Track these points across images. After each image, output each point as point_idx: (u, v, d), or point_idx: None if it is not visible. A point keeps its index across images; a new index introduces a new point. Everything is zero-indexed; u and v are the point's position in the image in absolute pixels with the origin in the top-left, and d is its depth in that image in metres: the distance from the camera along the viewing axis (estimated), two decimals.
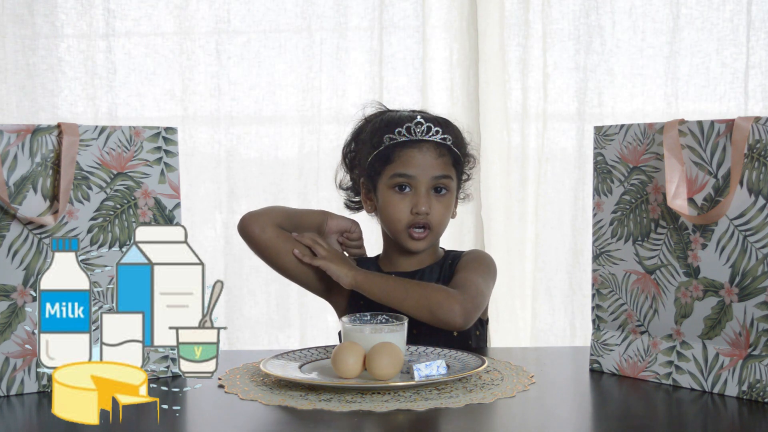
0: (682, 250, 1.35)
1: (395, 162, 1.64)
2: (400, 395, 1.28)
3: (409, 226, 1.64)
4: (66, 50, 2.73)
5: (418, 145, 1.64)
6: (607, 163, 1.44)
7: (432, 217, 1.64)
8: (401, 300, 1.57)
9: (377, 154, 1.66)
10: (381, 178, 1.66)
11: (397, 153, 1.64)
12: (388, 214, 1.66)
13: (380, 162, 1.66)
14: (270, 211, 1.68)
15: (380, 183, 1.67)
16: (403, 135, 1.64)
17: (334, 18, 2.70)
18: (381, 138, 1.65)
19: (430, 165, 1.64)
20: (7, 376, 1.33)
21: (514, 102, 2.68)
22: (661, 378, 1.37)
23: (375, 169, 1.67)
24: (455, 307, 1.53)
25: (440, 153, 1.65)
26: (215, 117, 2.74)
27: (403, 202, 1.64)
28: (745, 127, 1.26)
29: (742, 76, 2.63)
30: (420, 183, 1.63)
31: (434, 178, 1.64)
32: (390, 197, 1.65)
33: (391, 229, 1.67)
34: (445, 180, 1.65)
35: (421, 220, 1.63)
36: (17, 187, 1.33)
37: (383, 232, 1.73)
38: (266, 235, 1.65)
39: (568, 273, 2.71)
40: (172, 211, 1.45)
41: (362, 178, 1.71)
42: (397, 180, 1.64)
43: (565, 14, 2.66)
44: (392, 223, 1.65)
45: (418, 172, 1.63)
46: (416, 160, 1.63)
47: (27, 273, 1.34)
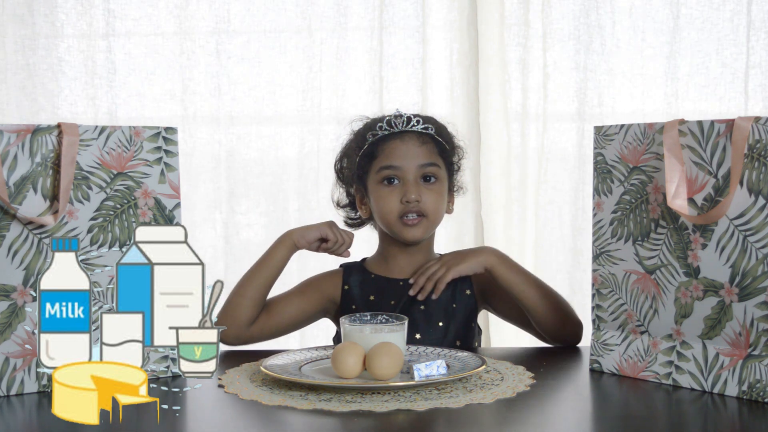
0: (682, 250, 1.35)
1: (380, 156, 1.66)
2: (400, 395, 1.28)
3: (401, 215, 1.64)
4: (66, 50, 2.73)
5: (400, 136, 1.66)
6: (607, 163, 1.44)
7: (424, 205, 1.64)
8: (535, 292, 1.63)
9: (362, 153, 1.68)
10: (369, 176, 1.68)
11: (381, 147, 1.66)
12: (380, 208, 1.66)
13: (366, 160, 1.67)
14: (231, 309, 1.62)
15: (369, 181, 1.68)
16: (384, 129, 1.66)
17: (334, 18, 2.70)
18: (364, 137, 1.68)
19: (415, 154, 1.65)
20: (7, 376, 1.33)
21: (514, 102, 2.68)
22: (661, 378, 1.37)
23: (363, 169, 1.68)
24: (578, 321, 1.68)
25: (423, 141, 1.66)
26: (215, 117, 2.73)
27: (392, 194, 1.65)
28: (745, 127, 1.26)
29: (742, 76, 2.63)
30: (407, 172, 1.64)
31: (420, 167, 1.65)
32: (379, 191, 1.66)
33: (384, 222, 1.67)
34: (432, 168, 1.66)
35: (413, 209, 1.64)
36: (17, 187, 1.33)
37: (379, 233, 1.73)
38: (244, 340, 1.63)
39: (568, 273, 2.71)
40: (172, 211, 1.45)
41: (355, 184, 1.71)
42: (384, 173, 1.65)
43: (565, 14, 2.66)
44: (384, 215, 1.66)
45: (404, 163, 1.64)
46: (400, 150, 1.65)
47: (27, 273, 1.34)
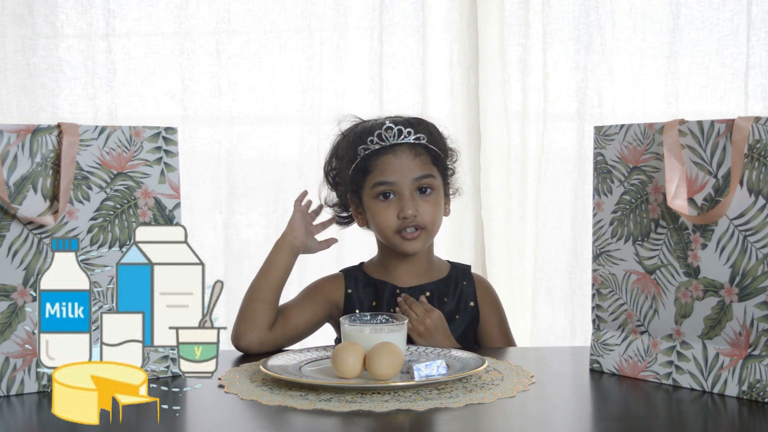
0: (682, 250, 1.35)
1: (373, 172, 1.64)
2: (400, 395, 1.28)
3: (399, 230, 1.64)
4: (66, 50, 2.73)
5: (392, 150, 1.63)
6: (607, 163, 1.44)
7: (421, 218, 1.63)
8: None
9: (355, 168, 1.65)
10: (364, 191, 1.66)
11: (374, 162, 1.63)
12: (377, 223, 1.65)
13: (359, 174, 1.65)
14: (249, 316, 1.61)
15: (364, 195, 1.66)
16: (376, 143, 1.63)
17: (334, 18, 2.70)
18: (356, 151, 1.65)
19: (408, 168, 1.63)
20: (7, 376, 1.33)
21: (514, 102, 2.68)
22: (661, 378, 1.37)
23: (356, 183, 1.66)
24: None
25: (417, 153, 1.64)
26: (215, 117, 2.73)
27: (389, 210, 1.63)
28: (745, 127, 1.26)
29: (742, 76, 2.63)
30: (402, 187, 1.63)
31: (415, 180, 1.63)
32: (375, 207, 1.65)
33: (383, 236, 1.66)
34: (428, 179, 1.64)
35: (410, 224, 1.63)
36: (17, 187, 1.33)
37: (378, 241, 1.72)
38: (267, 346, 1.61)
39: (568, 273, 2.71)
40: (172, 211, 1.45)
41: (348, 194, 1.70)
42: (379, 189, 1.63)
43: (565, 14, 2.66)
44: (382, 231, 1.65)
45: (398, 178, 1.62)
46: (393, 165, 1.63)
47: (27, 273, 1.34)
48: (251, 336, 1.59)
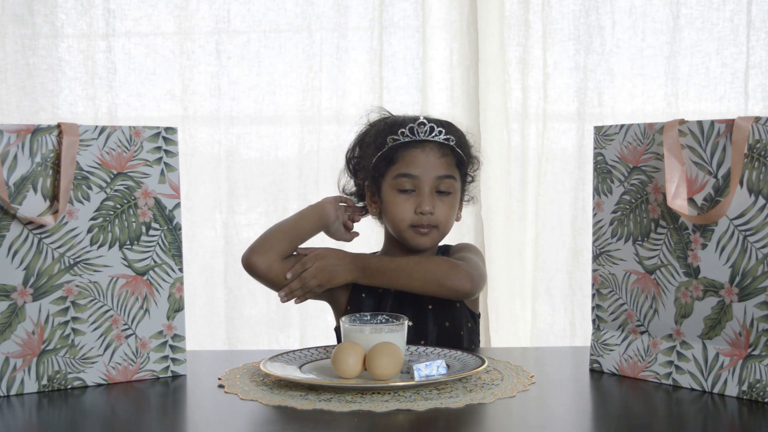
0: (682, 250, 1.35)
1: (398, 162, 1.65)
2: (400, 395, 1.28)
3: (413, 226, 1.65)
4: (66, 50, 2.73)
5: (421, 146, 1.64)
6: (607, 163, 1.44)
7: (436, 217, 1.64)
8: (407, 282, 1.61)
9: (381, 156, 1.66)
10: (385, 180, 1.67)
11: (401, 153, 1.65)
12: (392, 215, 1.66)
13: (384, 163, 1.66)
14: (270, 241, 1.66)
15: (384, 184, 1.67)
16: (407, 135, 1.65)
17: (334, 18, 2.71)
18: (384, 139, 1.66)
19: (433, 165, 1.64)
20: (7, 376, 1.33)
21: (514, 102, 2.68)
22: (661, 378, 1.37)
23: (379, 171, 1.67)
24: (462, 274, 1.59)
25: (443, 153, 1.65)
26: (215, 117, 2.74)
27: (407, 203, 1.65)
28: (745, 127, 1.26)
29: (742, 76, 2.63)
30: (423, 183, 1.64)
31: (437, 178, 1.64)
32: (394, 198, 1.66)
33: (395, 228, 1.67)
34: (449, 180, 1.65)
35: (425, 221, 1.64)
36: (17, 187, 1.33)
37: (386, 234, 1.73)
38: (273, 272, 1.64)
39: (568, 273, 2.71)
40: (172, 211, 1.45)
41: (366, 181, 1.71)
42: (401, 180, 1.65)
43: (565, 14, 2.66)
44: (396, 222, 1.66)
45: (422, 172, 1.64)
46: (419, 159, 1.64)
47: (27, 273, 1.34)
48: (264, 257, 1.64)
